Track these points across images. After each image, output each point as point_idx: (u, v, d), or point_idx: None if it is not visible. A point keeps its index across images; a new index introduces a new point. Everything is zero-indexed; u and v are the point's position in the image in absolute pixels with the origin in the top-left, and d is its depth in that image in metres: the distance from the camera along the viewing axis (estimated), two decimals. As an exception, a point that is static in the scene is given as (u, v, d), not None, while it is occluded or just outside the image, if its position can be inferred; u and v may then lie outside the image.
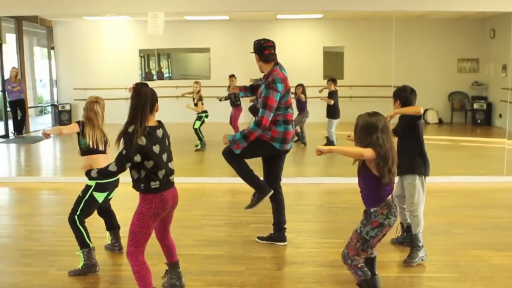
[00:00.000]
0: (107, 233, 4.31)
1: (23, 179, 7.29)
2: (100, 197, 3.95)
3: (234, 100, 9.82)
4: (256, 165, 4.42)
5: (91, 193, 3.90)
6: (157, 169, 3.05)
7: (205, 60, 14.27)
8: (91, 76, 13.35)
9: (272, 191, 4.34)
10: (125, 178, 3.53)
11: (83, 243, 3.82)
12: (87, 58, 13.69)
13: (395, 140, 3.76)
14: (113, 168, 3.05)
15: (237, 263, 4.01)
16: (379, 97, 11.16)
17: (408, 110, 4.04)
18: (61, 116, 13.40)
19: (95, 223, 4.45)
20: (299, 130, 9.61)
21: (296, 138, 9.87)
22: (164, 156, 3.11)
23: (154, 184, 3.05)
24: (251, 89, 4.57)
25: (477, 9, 7.82)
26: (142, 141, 2.97)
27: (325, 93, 9.68)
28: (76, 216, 3.83)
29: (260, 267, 3.93)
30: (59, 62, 13.86)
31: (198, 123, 9.16)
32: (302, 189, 6.54)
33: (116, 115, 4.99)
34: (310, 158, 8.77)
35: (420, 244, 4.02)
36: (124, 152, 2.98)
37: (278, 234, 4.45)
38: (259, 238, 4.51)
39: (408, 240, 4.28)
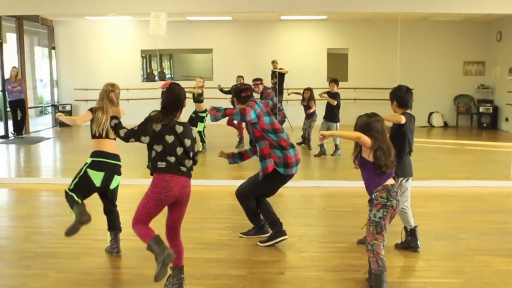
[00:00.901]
0: (108, 233, 4.29)
1: (22, 180, 7.30)
2: (95, 176, 3.99)
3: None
4: (252, 168, 4.42)
5: (85, 169, 3.99)
6: (167, 154, 3.30)
7: (208, 61, 14.29)
8: (92, 76, 13.37)
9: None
10: (129, 180, 3.52)
11: (72, 202, 3.91)
12: (88, 58, 13.72)
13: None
14: (121, 132, 3.40)
15: (239, 267, 4.01)
16: (383, 100, 11.08)
17: (390, 118, 4.20)
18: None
19: (97, 226, 4.48)
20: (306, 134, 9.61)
21: (302, 141, 9.85)
22: (179, 149, 3.34)
23: (161, 164, 3.29)
24: (240, 156, 4.69)
25: (484, 11, 7.80)
26: (157, 127, 3.30)
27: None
28: (67, 189, 3.98)
29: (262, 271, 3.92)
30: (60, 62, 13.90)
31: (201, 125, 9.15)
32: (305, 192, 6.53)
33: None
34: (314, 162, 8.76)
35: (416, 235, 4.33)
36: (136, 128, 3.34)
37: (275, 229, 4.49)
38: (260, 242, 4.51)
39: (413, 245, 4.28)
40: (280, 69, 11.86)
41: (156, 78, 14.41)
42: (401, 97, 4.20)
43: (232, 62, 13.50)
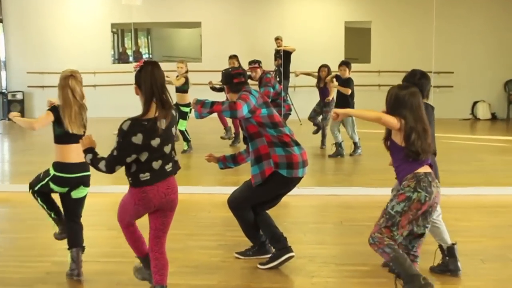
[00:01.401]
0: (69, 254, 4.25)
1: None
2: (58, 190, 4.26)
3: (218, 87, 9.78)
4: (250, 172, 4.43)
5: (48, 182, 4.24)
6: (152, 160, 3.44)
7: (195, 38, 14.30)
8: (49, 58, 13.38)
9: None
10: (97, 187, 3.51)
11: (49, 214, 4.35)
12: (44, 35, 13.71)
13: None
14: (102, 167, 3.45)
15: (234, 296, 4.00)
16: (415, 86, 11.18)
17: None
18: (11, 107, 13.43)
19: (56, 244, 4.50)
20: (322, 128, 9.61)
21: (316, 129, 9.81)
22: (167, 148, 3.50)
23: (144, 176, 3.43)
24: (233, 159, 4.74)
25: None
26: (138, 139, 3.35)
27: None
28: (36, 194, 4.31)
29: (263, 302, 3.92)
30: (9, 39, 13.89)
31: (184, 123, 8.91)
32: (317, 202, 6.53)
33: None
34: (328, 164, 8.76)
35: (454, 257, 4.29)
36: (115, 153, 3.38)
37: (278, 246, 4.49)
38: (261, 264, 4.51)
39: (453, 267, 4.27)
40: (285, 47, 11.87)
41: (130, 59, 14.44)
42: (414, 84, 4.19)
43: (226, 39, 13.48)
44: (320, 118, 9.69)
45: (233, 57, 9.78)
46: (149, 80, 3.40)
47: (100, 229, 5.34)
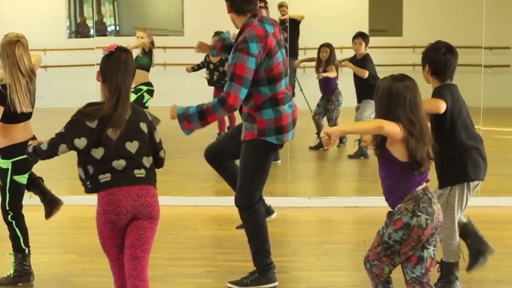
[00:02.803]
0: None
1: None
2: (24, 179, 4.65)
3: (212, 74, 9.79)
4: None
5: (12, 178, 4.59)
6: (112, 158, 3.50)
7: (175, 5, 14.33)
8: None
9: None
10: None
11: (18, 247, 4.63)
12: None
13: None
14: (44, 146, 3.54)
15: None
16: (461, 66, 11.18)
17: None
18: None
19: None
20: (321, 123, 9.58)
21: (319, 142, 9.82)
22: (130, 145, 3.55)
23: (104, 177, 3.49)
24: (230, 47, 4.79)
25: None
26: (93, 123, 3.47)
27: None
28: (10, 217, 4.63)
29: None
30: None
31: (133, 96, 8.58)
32: (333, 216, 6.57)
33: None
34: (346, 167, 8.80)
35: (453, 278, 4.44)
36: (63, 130, 3.50)
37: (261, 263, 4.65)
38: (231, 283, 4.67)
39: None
40: (291, 15, 11.91)
41: (91, 32, 14.43)
42: (436, 60, 4.34)
43: (215, 6, 13.49)
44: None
45: (218, 34, 9.69)
46: (119, 74, 3.54)
47: (55, 252, 5.38)
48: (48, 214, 4.84)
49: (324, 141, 3.46)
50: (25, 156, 4.27)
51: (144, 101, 8.75)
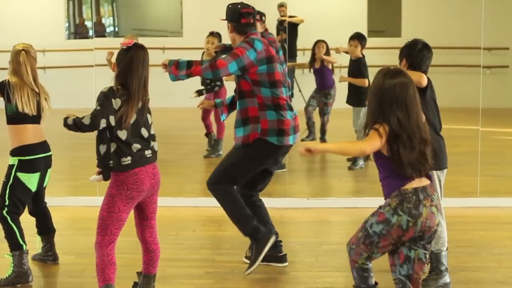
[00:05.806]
0: (38, 238, 4.91)
1: None
2: (29, 180, 4.74)
3: (208, 81, 9.77)
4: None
5: (15, 174, 4.70)
6: (132, 141, 3.94)
7: (174, 6, 14.33)
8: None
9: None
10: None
11: (15, 244, 4.67)
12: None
13: None
14: (86, 120, 3.87)
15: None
16: (459, 67, 11.20)
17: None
18: None
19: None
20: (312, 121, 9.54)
21: (308, 134, 9.79)
22: (144, 131, 4.03)
23: (126, 161, 3.91)
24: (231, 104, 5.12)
25: None
26: (117, 102, 3.88)
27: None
28: (5, 212, 4.68)
29: None
30: None
31: None
32: (332, 216, 6.59)
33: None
34: (344, 168, 8.80)
35: (443, 268, 4.53)
36: (98, 108, 3.86)
37: (273, 251, 4.72)
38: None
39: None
40: (290, 17, 11.91)
41: (90, 32, 14.43)
42: (413, 55, 4.52)
43: (214, 7, 13.50)
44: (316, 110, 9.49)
45: (214, 35, 9.65)
46: (141, 69, 4.00)
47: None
48: (43, 261, 5.08)
49: (302, 155, 3.51)
50: (32, 157, 4.69)
51: None
